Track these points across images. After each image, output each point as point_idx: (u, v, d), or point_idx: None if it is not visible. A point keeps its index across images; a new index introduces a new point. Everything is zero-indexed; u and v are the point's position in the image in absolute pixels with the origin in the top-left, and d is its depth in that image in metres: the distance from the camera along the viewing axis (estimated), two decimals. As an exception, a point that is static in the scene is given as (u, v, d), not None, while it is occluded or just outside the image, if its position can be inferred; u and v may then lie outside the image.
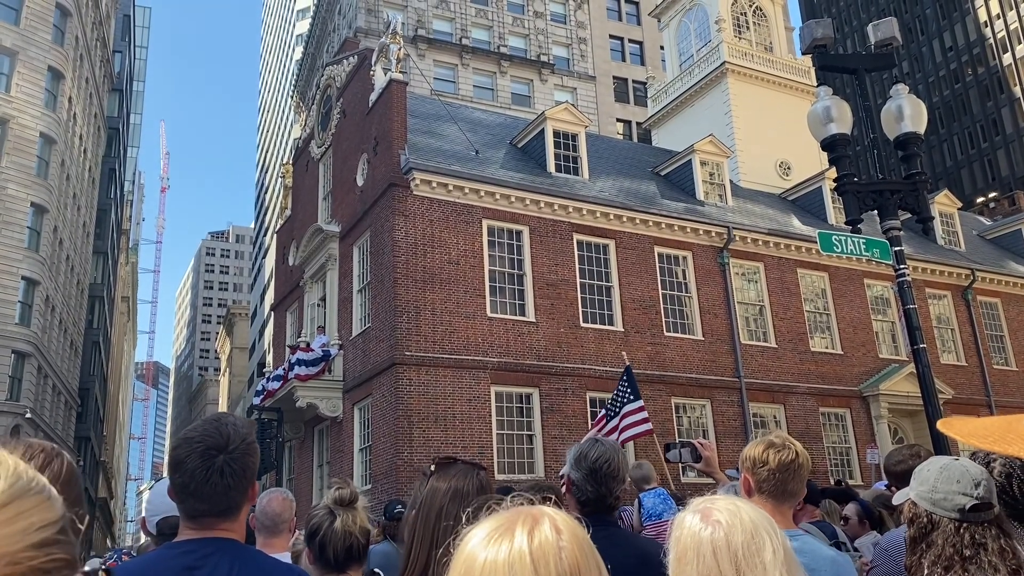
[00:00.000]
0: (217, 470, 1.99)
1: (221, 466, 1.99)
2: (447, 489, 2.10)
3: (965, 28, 73.12)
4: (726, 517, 1.52)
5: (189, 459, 2.00)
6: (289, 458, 24.33)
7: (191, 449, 2.01)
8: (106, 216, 56.57)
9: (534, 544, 1.03)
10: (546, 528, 1.06)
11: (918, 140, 7.30)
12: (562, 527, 1.07)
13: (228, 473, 1.99)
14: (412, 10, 46.51)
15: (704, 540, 1.50)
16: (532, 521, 1.07)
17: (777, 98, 30.91)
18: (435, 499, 2.09)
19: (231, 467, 2.00)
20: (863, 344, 24.64)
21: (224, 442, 2.02)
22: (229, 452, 2.01)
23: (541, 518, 1.08)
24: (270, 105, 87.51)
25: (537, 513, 1.09)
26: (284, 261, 28.19)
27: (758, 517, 1.53)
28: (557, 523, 1.08)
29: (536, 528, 1.06)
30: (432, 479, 2.15)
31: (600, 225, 21.41)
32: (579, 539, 1.08)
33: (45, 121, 38.17)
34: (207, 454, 2.00)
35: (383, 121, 20.64)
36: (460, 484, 2.11)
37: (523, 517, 1.08)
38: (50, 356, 39.20)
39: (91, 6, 46.86)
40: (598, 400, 20.00)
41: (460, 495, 2.08)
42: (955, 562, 1.83)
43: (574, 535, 1.07)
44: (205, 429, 2.06)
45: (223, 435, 2.03)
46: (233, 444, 2.02)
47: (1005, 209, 44.23)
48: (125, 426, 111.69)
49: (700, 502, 1.58)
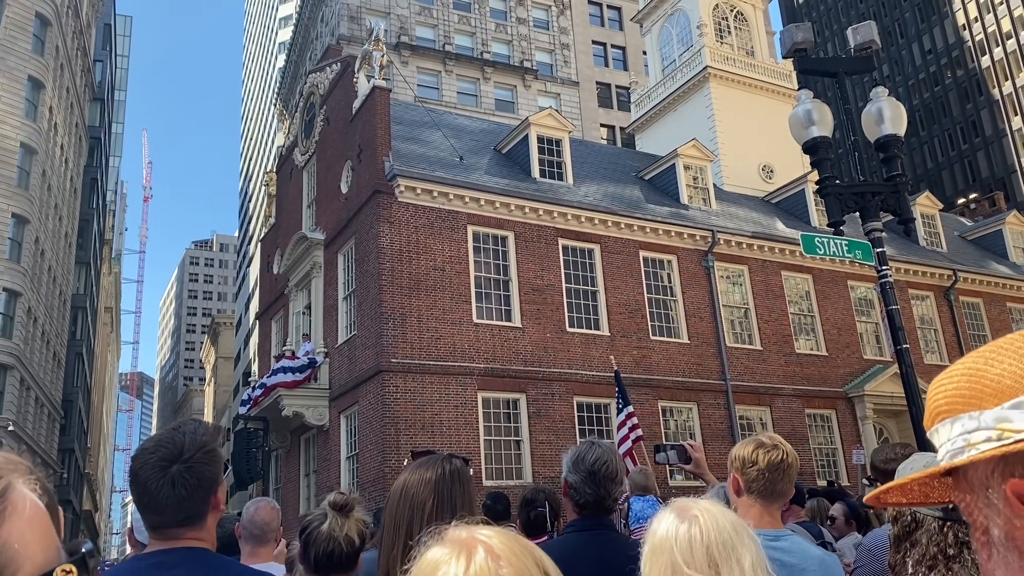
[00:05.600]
0: (169, 481, 1.95)
1: (174, 476, 1.95)
2: (418, 480, 2.09)
3: (944, 31, 73.88)
4: (705, 515, 1.54)
5: (143, 470, 1.97)
6: (275, 467, 24.19)
7: (145, 460, 1.98)
8: (88, 226, 56.16)
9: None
10: (479, 558, 1.00)
11: (898, 142, 7.36)
12: (500, 551, 1.01)
13: (181, 483, 1.95)
14: (395, 17, 46.52)
15: (681, 534, 1.52)
16: (467, 554, 1.00)
17: (759, 102, 31.10)
18: (407, 491, 2.08)
19: (184, 477, 1.96)
20: (847, 345, 24.79)
21: (178, 452, 1.98)
22: (183, 462, 1.97)
23: (475, 548, 1.01)
24: (253, 113, 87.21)
25: (471, 542, 1.02)
26: (269, 269, 28.07)
27: (738, 522, 1.55)
28: (494, 549, 1.01)
29: (471, 560, 0.99)
30: (404, 472, 2.15)
31: (585, 230, 21.46)
32: (519, 556, 1.02)
33: (26, 131, 37.89)
34: (159, 464, 1.96)
35: (367, 128, 20.61)
36: (432, 474, 2.11)
37: (457, 551, 1.01)
38: (32, 368, 38.83)
39: (71, 15, 46.58)
40: (585, 405, 20.03)
41: (431, 484, 2.08)
42: (939, 561, 1.85)
43: (513, 555, 1.01)
44: (160, 439, 2.03)
45: (177, 445, 1.99)
46: (188, 453, 1.98)
47: (985, 210, 44.65)
48: (109, 438, 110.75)
49: (680, 501, 1.60)
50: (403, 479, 2.15)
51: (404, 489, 2.09)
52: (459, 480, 2.15)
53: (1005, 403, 0.80)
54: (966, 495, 0.87)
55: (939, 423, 0.87)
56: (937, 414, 0.87)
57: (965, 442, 0.83)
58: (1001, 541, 0.82)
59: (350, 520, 2.71)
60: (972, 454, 0.82)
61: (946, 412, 0.86)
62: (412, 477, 2.13)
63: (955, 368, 0.87)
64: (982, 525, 0.85)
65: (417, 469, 2.14)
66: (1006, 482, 0.80)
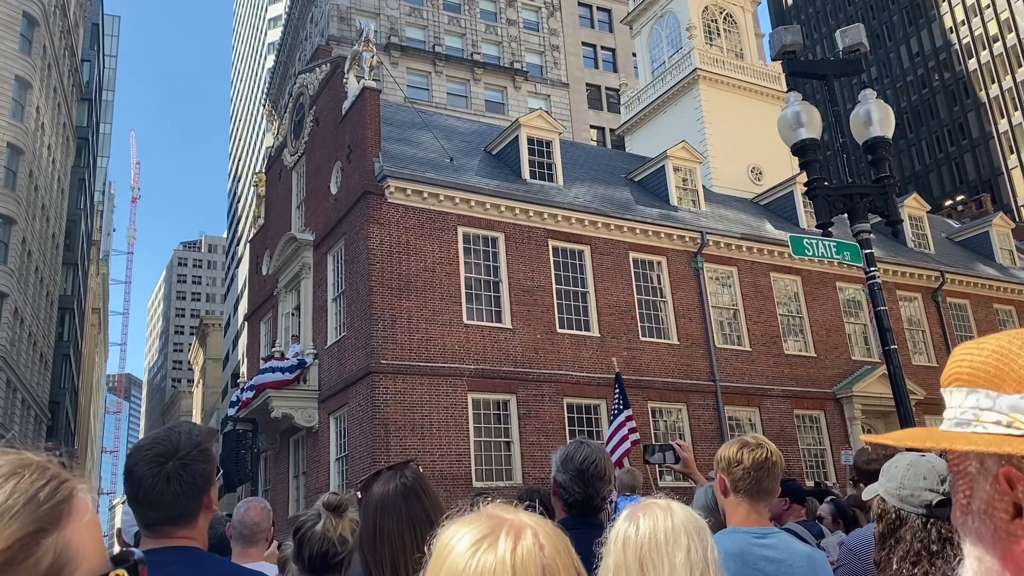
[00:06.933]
0: (164, 477, 1.97)
1: (169, 473, 1.98)
2: (375, 505, 2.10)
3: (932, 34, 74.32)
4: (649, 518, 1.66)
5: (138, 467, 1.99)
6: (265, 469, 24.12)
7: (140, 457, 2.00)
8: (76, 227, 55.86)
9: (517, 558, 1.01)
10: (528, 541, 1.03)
11: (886, 144, 7.41)
12: (545, 541, 1.05)
13: (176, 480, 1.98)
14: (385, 18, 46.47)
15: (620, 534, 1.65)
16: (516, 532, 1.04)
17: (748, 104, 31.23)
18: (367, 522, 2.09)
19: (180, 474, 1.98)
20: (836, 346, 24.90)
21: (174, 449, 2.01)
22: (179, 459, 2.00)
23: (524, 529, 1.05)
24: (242, 114, 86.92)
25: (520, 524, 1.06)
26: (257, 270, 27.98)
27: (688, 521, 1.63)
28: (540, 536, 1.05)
29: (520, 541, 1.03)
30: (361, 503, 2.16)
31: (575, 231, 21.49)
32: (562, 553, 1.05)
33: (12, 131, 37.65)
34: (156, 461, 1.99)
35: (357, 129, 20.58)
36: (383, 493, 2.11)
37: (507, 527, 1.05)
38: (19, 369, 38.57)
39: (59, 15, 46.33)
40: (575, 406, 20.05)
41: (386, 506, 2.07)
42: (923, 557, 1.87)
43: (557, 549, 1.05)
44: (156, 437, 2.06)
45: (173, 442, 2.02)
46: (183, 451, 2.01)
47: (973, 212, 44.94)
48: (97, 439, 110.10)
49: (641, 503, 1.69)
50: (362, 510, 2.15)
51: (377, 530, 2.06)
52: (422, 492, 2.15)
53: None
54: (961, 459, 0.90)
55: (955, 387, 0.90)
56: (956, 378, 0.90)
57: (975, 416, 0.86)
58: (980, 510, 0.87)
59: (344, 520, 2.72)
60: (977, 430, 0.85)
61: (966, 381, 0.88)
62: (368, 505, 2.12)
63: (988, 341, 0.89)
64: (965, 492, 0.89)
65: (383, 505, 2.11)
66: (1001, 466, 0.84)
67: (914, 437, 0.94)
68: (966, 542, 0.89)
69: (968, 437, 0.85)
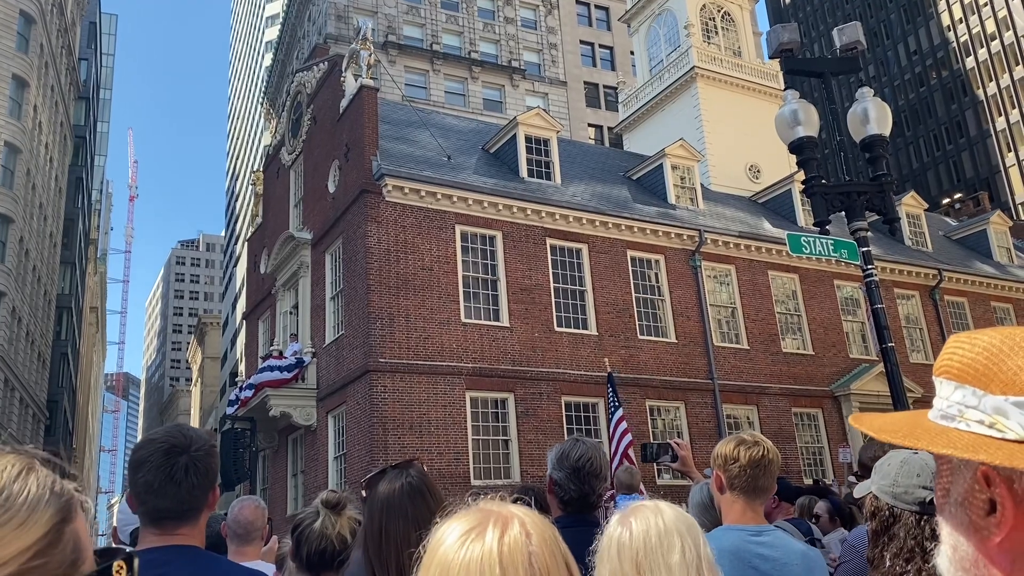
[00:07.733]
0: (181, 468, 2.00)
1: (185, 464, 2.00)
2: (380, 506, 2.10)
3: (929, 32, 74.36)
4: (640, 521, 1.66)
5: (152, 457, 2.01)
6: (263, 468, 24.11)
7: (154, 448, 2.02)
8: (73, 226, 55.78)
9: (504, 547, 1.03)
10: (515, 530, 1.05)
11: (884, 142, 7.41)
12: (531, 530, 1.06)
13: (192, 471, 2.01)
14: (382, 16, 46.42)
15: (614, 540, 1.65)
16: (503, 523, 1.06)
17: (746, 102, 31.22)
18: (373, 523, 2.09)
19: (195, 466, 2.02)
20: (834, 344, 24.92)
21: (187, 443, 2.04)
22: (192, 452, 2.03)
23: (511, 520, 1.07)
24: (240, 112, 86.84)
25: (507, 514, 1.08)
26: (256, 269, 27.96)
27: (678, 522, 1.64)
28: (527, 525, 1.06)
29: (507, 530, 1.05)
30: (367, 502, 2.16)
31: (573, 230, 21.49)
32: (549, 542, 1.07)
33: (10, 130, 37.60)
34: (170, 452, 2.01)
35: (354, 127, 20.57)
36: (389, 493, 2.11)
37: (494, 519, 1.07)
38: (17, 368, 38.54)
39: (56, 13, 46.25)
40: (573, 404, 20.06)
41: (392, 506, 2.08)
42: (916, 553, 1.87)
43: (543, 538, 1.06)
44: (168, 431, 2.09)
45: (186, 436, 2.06)
46: (196, 445, 2.04)
47: (970, 210, 44.99)
48: (95, 439, 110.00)
49: (631, 506, 1.69)
50: (367, 510, 2.15)
51: (384, 531, 2.06)
52: (427, 491, 2.15)
53: (1010, 396, 0.83)
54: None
55: (944, 379, 0.91)
56: (946, 371, 0.91)
57: (959, 412, 0.87)
58: (957, 501, 0.89)
59: (342, 518, 2.72)
60: (960, 427, 0.86)
61: (955, 375, 0.89)
62: (374, 504, 2.12)
63: (981, 338, 0.89)
64: (946, 481, 0.92)
65: (388, 505, 2.10)
66: (981, 463, 0.85)
67: (899, 426, 0.95)
68: (945, 528, 0.92)
69: (949, 436, 0.87)
